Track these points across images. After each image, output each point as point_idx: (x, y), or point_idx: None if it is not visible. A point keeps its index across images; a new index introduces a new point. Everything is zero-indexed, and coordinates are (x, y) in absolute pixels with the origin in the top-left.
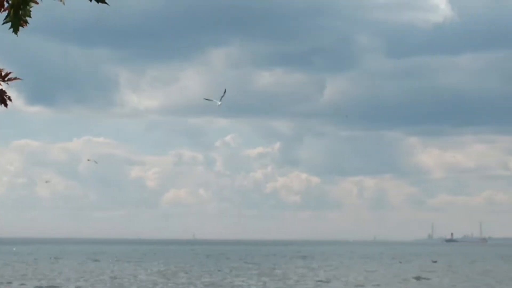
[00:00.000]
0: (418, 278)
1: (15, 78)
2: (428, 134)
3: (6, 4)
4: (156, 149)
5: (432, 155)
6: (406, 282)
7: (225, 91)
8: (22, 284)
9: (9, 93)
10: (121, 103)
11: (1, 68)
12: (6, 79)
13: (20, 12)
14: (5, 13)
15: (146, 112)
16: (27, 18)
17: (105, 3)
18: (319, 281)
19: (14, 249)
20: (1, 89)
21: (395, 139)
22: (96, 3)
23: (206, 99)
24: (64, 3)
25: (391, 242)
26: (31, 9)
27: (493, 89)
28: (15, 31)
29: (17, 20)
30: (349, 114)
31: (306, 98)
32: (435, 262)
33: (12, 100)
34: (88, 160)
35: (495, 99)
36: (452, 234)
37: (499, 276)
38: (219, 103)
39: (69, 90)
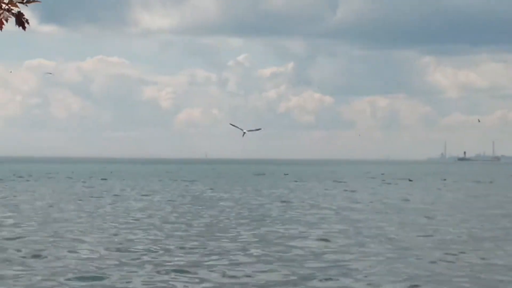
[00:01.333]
0: (424, 196)
1: (34, 1)
2: (442, 53)
3: None
4: (169, 69)
5: (445, 74)
6: (410, 200)
7: (258, 129)
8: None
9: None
10: (134, 22)
11: None
12: (25, 1)
13: None
14: None
15: (159, 31)
16: None
17: None
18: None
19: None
20: (19, 12)
21: (409, 58)
22: None
23: (232, 125)
24: None
25: (404, 161)
26: None
27: (509, 8)
28: None
29: None
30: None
31: (319, 17)
32: (445, 180)
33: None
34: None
35: (511, 18)
36: (464, 153)
37: (504, 193)
38: (245, 131)
39: (81, 9)
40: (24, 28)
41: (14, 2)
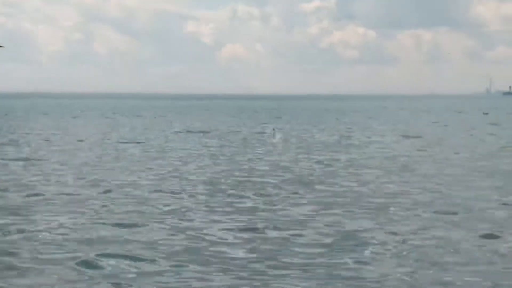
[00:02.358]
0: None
1: None
2: None
3: None
4: (211, 3)
5: (490, 7)
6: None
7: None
8: None
9: None
10: None
11: None
12: None
13: None
14: None
15: None
16: None
17: None
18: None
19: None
20: None
21: None
22: None
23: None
24: None
25: (448, 96)
26: None
27: None
28: None
29: None
30: None
31: None
32: (487, 114)
33: None
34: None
35: None
36: (510, 87)
37: None
38: (276, 139)
39: None
40: None
41: None
